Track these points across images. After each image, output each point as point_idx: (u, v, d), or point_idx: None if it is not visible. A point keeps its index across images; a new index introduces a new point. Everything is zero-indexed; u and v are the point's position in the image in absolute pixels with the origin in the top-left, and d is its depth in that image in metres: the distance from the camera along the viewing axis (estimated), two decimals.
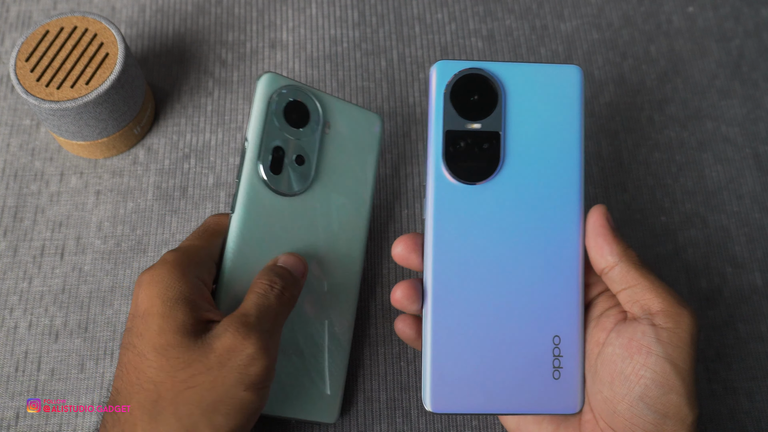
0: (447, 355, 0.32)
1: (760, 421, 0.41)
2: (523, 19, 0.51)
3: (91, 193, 0.46)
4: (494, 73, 0.33)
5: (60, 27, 0.43)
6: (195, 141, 0.47)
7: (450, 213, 0.33)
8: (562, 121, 0.34)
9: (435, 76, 0.33)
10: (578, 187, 0.33)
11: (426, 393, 0.32)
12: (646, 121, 0.48)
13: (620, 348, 0.31)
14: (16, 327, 0.42)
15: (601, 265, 0.33)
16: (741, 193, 0.47)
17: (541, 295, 0.33)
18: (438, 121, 0.33)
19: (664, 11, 0.52)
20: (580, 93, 0.34)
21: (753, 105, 0.49)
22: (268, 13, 0.51)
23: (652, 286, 0.32)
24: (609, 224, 0.33)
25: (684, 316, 0.31)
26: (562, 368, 0.33)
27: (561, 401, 0.33)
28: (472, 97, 0.33)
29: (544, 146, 0.33)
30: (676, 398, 0.30)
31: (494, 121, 0.33)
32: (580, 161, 0.33)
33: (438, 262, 0.33)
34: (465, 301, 0.33)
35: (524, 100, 0.34)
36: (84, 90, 0.41)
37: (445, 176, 0.33)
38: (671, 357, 0.30)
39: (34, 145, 0.47)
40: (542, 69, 0.34)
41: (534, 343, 0.33)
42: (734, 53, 0.51)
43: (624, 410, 0.31)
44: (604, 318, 0.33)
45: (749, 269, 0.45)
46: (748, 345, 0.43)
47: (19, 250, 0.44)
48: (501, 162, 0.33)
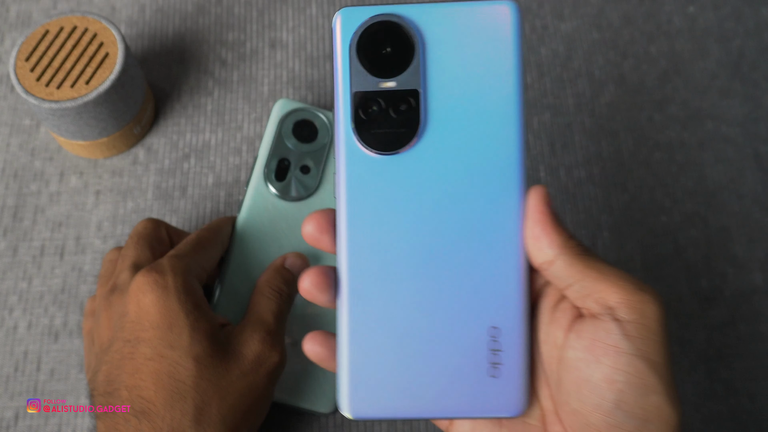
0: (367, 353, 0.28)
1: (761, 422, 0.41)
2: (523, 19, 0.51)
3: (90, 193, 0.46)
4: (409, 19, 0.28)
5: (60, 27, 0.43)
6: (195, 141, 0.47)
7: (365, 189, 0.28)
8: (495, 71, 0.28)
9: (339, 28, 0.28)
10: (517, 152, 0.28)
11: (343, 397, 0.28)
12: (647, 121, 0.48)
13: (583, 352, 0.27)
14: (16, 327, 0.42)
15: (538, 260, 0.28)
16: (741, 193, 0.47)
17: (475, 281, 0.28)
18: (345, 82, 0.28)
19: (664, 11, 0.52)
20: (517, 34, 0.28)
21: (753, 105, 0.49)
22: (268, 12, 0.51)
23: (602, 276, 0.27)
24: (548, 210, 0.28)
25: (647, 302, 0.26)
26: (502, 364, 0.28)
27: (500, 402, 0.28)
28: (384, 50, 0.28)
29: (474, 104, 0.28)
30: (656, 399, 0.26)
31: (412, 77, 0.28)
32: (519, 120, 0.28)
33: (353, 245, 0.28)
34: (386, 290, 0.28)
35: (448, 49, 0.28)
36: (84, 90, 0.41)
37: (356, 146, 0.28)
38: (644, 353, 0.26)
39: (34, 144, 0.47)
40: (469, 8, 0.28)
41: (466, 335, 0.28)
42: (735, 53, 0.51)
43: (598, 422, 0.27)
44: (559, 313, 0.28)
45: (750, 269, 0.45)
46: (749, 345, 0.43)
47: (19, 249, 0.44)
48: (422, 126, 0.28)
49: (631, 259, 0.45)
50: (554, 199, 0.46)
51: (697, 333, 0.43)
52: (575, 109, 0.49)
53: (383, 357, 0.28)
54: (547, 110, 0.49)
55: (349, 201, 0.28)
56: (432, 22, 0.28)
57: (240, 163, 0.46)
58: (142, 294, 0.33)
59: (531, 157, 0.47)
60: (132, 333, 0.33)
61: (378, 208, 0.28)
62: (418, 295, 0.28)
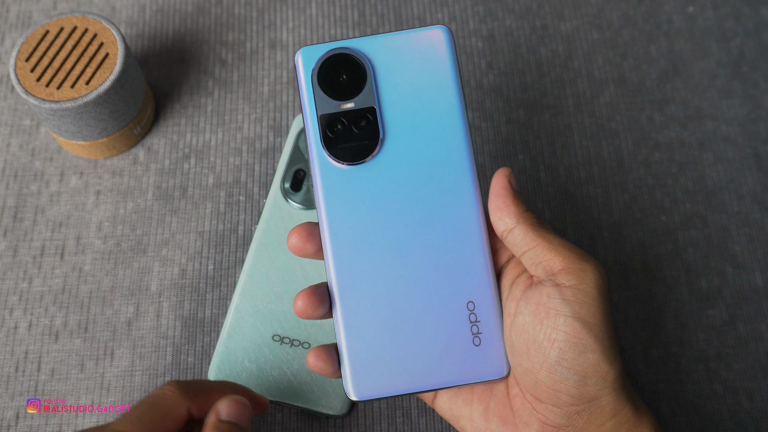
0: (362, 341, 0.32)
1: (760, 421, 0.41)
2: (523, 19, 0.51)
3: (91, 193, 0.46)
4: (359, 50, 0.32)
5: (60, 27, 0.43)
6: (195, 141, 0.47)
7: (341, 197, 0.32)
8: (437, 86, 0.33)
9: (301, 64, 0.32)
10: (466, 150, 0.32)
11: (347, 381, 0.31)
12: (647, 121, 0.48)
13: (530, 315, 0.30)
14: (16, 327, 0.42)
15: (500, 228, 0.32)
16: (741, 193, 0.47)
17: (448, 264, 0.32)
18: (311, 107, 0.32)
19: (664, 11, 0.52)
20: (451, 54, 0.33)
21: (753, 105, 0.49)
22: (268, 13, 0.51)
23: (551, 245, 0.31)
24: (511, 186, 0.32)
25: (586, 270, 0.30)
26: (482, 333, 0.32)
27: (486, 367, 0.32)
28: (341, 77, 0.32)
29: (424, 114, 0.32)
30: (593, 356, 0.29)
31: (367, 97, 0.32)
32: (463, 123, 0.33)
33: (337, 247, 0.32)
34: (371, 284, 0.32)
35: (395, 71, 0.33)
36: (84, 90, 0.41)
37: (328, 161, 0.32)
38: (580, 315, 0.29)
39: (34, 145, 0.47)
40: (407, 36, 0.33)
41: (448, 312, 0.32)
42: (734, 53, 0.51)
43: (544, 378, 0.30)
44: (515, 287, 0.32)
45: (749, 269, 0.45)
46: (749, 345, 0.43)
47: (19, 250, 0.44)
48: (382, 137, 0.32)
49: (631, 259, 0.45)
50: (554, 199, 0.46)
51: (696, 333, 0.43)
52: (575, 109, 0.49)
53: (378, 342, 0.32)
54: (547, 110, 0.49)
55: (327, 208, 0.32)
56: (378, 50, 0.33)
57: (240, 164, 0.47)
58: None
59: (531, 157, 0.47)
60: None
61: (354, 211, 0.32)
62: (401, 283, 0.32)
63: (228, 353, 0.40)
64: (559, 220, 0.46)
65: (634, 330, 0.43)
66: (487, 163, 0.47)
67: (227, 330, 0.40)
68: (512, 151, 0.47)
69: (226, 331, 0.40)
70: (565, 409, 0.30)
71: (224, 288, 0.43)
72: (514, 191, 0.32)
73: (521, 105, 0.49)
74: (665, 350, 0.42)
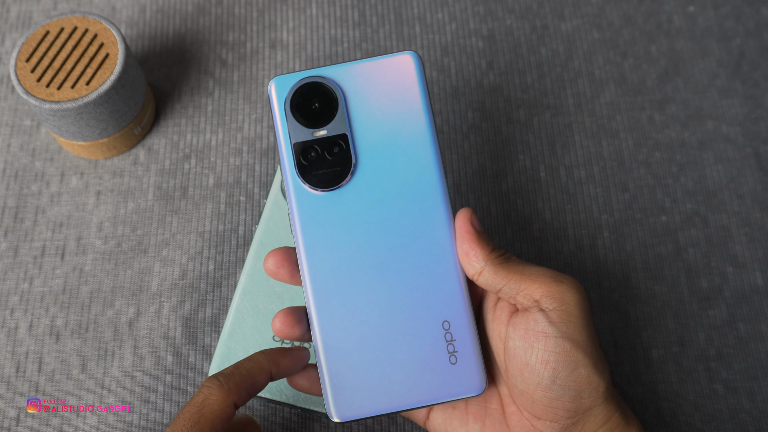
0: (341, 362, 0.32)
1: (760, 421, 0.41)
2: (523, 19, 0.51)
3: (91, 194, 0.46)
4: (330, 78, 0.33)
5: (60, 27, 0.43)
6: (195, 141, 0.47)
7: (316, 222, 0.33)
8: (407, 111, 0.33)
9: (274, 93, 0.33)
10: (437, 173, 0.33)
11: (329, 404, 0.32)
12: (647, 121, 0.48)
13: (520, 340, 0.32)
14: (17, 327, 0.42)
15: (470, 272, 0.33)
16: (742, 193, 0.47)
17: (422, 285, 0.33)
18: (285, 135, 0.33)
19: (664, 11, 0.52)
20: (419, 79, 0.33)
21: (754, 104, 0.49)
22: (268, 13, 0.51)
23: (523, 276, 0.32)
24: (474, 228, 0.33)
25: (565, 291, 0.31)
26: (458, 352, 0.33)
27: (464, 384, 0.33)
28: (313, 105, 0.33)
29: (395, 139, 0.33)
30: (584, 371, 0.31)
31: (339, 125, 0.33)
32: (434, 146, 0.33)
33: (314, 271, 0.32)
34: (348, 306, 0.32)
35: (365, 98, 0.33)
36: (84, 90, 0.41)
37: (302, 187, 0.33)
38: (567, 334, 0.31)
39: (35, 145, 0.47)
40: (377, 63, 0.33)
41: (424, 333, 0.32)
42: (735, 53, 0.51)
43: (541, 397, 0.31)
44: (499, 311, 0.33)
45: (750, 269, 0.45)
46: (749, 345, 0.43)
47: (20, 250, 0.44)
48: (354, 162, 0.33)
49: (632, 258, 0.45)
50: (554, 199, 0.46)
51: (697, 333, 0.43)
52: (575, 109, 0.49)
53: (356, 364, 0.32)
54: (548, 110, 0.49)
55: (303, 233, 0.33)
56: (349, 78, 0.33)
57: (241, 164, 0.47)
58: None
59: (531, 156, 0.47)
60: None
61: (329, 235, 0.33)
62: (378, 305, 0.33)
63: (229, 353, 0.40)
64: (560, 220, 0.46)
65: (634, 330, 0.43)
66: (487, 163, 0.47)
67: (228, 330, 0.41)
68: (512, 151, 0.47)
69: (227, 331, 0.40)
70: (562, 423, 0.32)
71: (225, 288, 0.43)
72: (478, 233, 0.33)
73: (521, 105, 0.49)
74: (666, 350, 0.42)
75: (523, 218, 0.46)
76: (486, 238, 0.33)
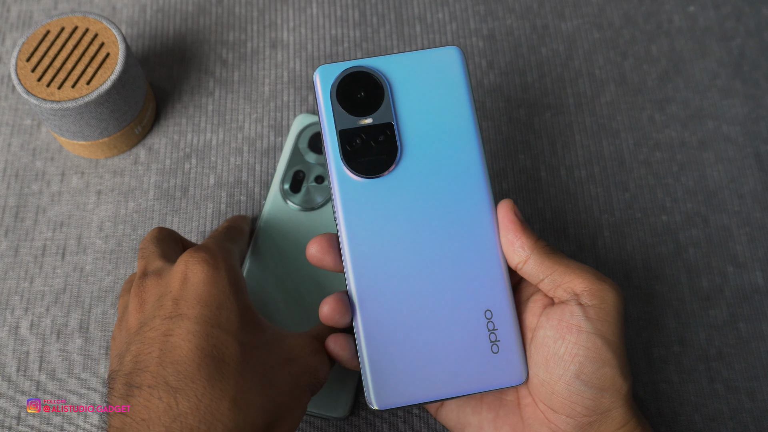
0: (383, 351, 0.32)
1: (761, 421, 0.41)
2: (523, 19, 0.51)
3: (92, 193, 0.46)
4: (376, 68, 0.34)
5: (61, 27, 0.43)
6: (196, 141, 0.47)
7: (359, 209, 0.33)
8: (451, 102, 0.34)
9: (319, 82, 0.34)
10: (480, 164, 0.34)
11: (369, 392, 0.32)
12: (648, 121, 0.48)
13: (551, 330, 0.32)
14: (18, 327, 0.42)
15: (515, 261, 0.33)
16: (742, 193, 0.47)
17: (465, 274, 0.33)
18: (330, 123, 0.33)
19: (665, 10, 0.52)
20: (463, 72, 0.34)
21: (754, 104, 0.49)
22: (268, 12, 0.51)
23: (568, 269, 0.32)
24: (518, 218, 0.33)
25: (607, 291, 0.32)
26: (500, 341, 0.33)
27: (505, 374, 0.33)
28: (359, 94, 0.34)
29: (439, 129, 0.34)
30: (610, 371, 0.31)
31: (385, 113, 0.33)
32: (477, 137, 0.34)
33: (356, 259, 0.32)
34: (391, 294, 0.32)
35: (411, 88, 0.34)
36: (85, 90, 0.41)
37: (347, 174, 0.33)
38: (601, 332, 0.31)
39: (35, 145, 0.47)
40: (422, 55, 0.34)
41: (466, 322, 0.33)
42: (735, 52, 0.51)
43: (562, 390, 0.31)
44: (532, 303, 0.34)
45: (750, 269, 0.45)
46: (750, 344, 0.43)
47: (21, 250, 0.44)
48: (400, 151, 0.33)
49: (632, 258, 0.45)
50: (555, 199, 0.46)
51: (698, 332, 0.43)
52: (576, 109, 0.49)
53: (398, 352, 0.32)
54: (548, 110, 0.49)
55: (346, 221, 0.33)
56: (395, 69, 0.34)
57: (241, 164, 0.47)
58: (192, 271, 0.32)
59: (532, 156, 0.47)
60: (174, 310, 0.31)
61: (372, 222, 0.33)
62: (420, 293, 0.32)
63: None
64: (560, 219, 0.46)
65: (635, 329, 0.43)
66: (488, 162, 0.47)
67: None
68: (513, 150, 0.47)
69: None
70: (579, 420, 0.31)
71: None
72: (522, 223, 0.33)
73: (522, 104, 0.49)
74: (666, 350, 0.42)
75: (524, 218, 0.46)
76: (529, 228, 0.33)
